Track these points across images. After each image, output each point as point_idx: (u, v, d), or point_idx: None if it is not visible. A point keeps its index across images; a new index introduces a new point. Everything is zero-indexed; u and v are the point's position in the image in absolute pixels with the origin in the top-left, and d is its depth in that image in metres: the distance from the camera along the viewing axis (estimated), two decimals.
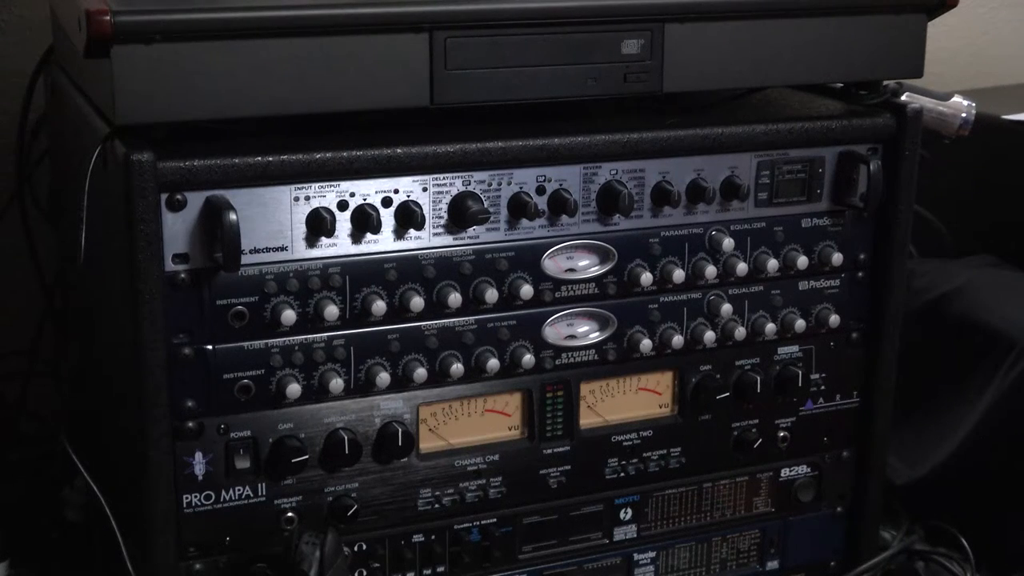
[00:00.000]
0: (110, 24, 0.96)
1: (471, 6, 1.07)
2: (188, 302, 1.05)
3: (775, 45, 1.17)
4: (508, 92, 1.10)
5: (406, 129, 1.10)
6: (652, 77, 1.13)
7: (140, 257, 1.02)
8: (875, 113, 1.24)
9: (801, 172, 1.23)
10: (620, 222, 1.17)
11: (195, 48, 1.00)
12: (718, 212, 1.20)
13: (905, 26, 1.21)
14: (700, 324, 1.23)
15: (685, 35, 1.13)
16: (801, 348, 1.27)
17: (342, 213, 1.08)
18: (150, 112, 1.00)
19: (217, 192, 1.03)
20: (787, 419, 1.29)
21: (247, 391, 1.08)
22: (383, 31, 1.05)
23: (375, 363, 1.12)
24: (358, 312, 1.10)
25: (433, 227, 1.11)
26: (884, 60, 1.22)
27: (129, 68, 0.98)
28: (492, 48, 1.08)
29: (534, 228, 1.14)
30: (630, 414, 1.23)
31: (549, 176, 1.14)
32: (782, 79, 1.22)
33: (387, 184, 1.09)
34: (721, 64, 1.15)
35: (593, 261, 1.17)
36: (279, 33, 1.02)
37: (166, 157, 1.01)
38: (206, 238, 1.04)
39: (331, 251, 1.08)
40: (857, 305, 1.28)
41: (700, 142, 1.18)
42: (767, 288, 1.24)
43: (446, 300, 1.12)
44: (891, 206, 1.25)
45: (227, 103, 1.02)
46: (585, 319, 1.19)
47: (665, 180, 1.17)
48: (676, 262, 1.20)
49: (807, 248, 1.24)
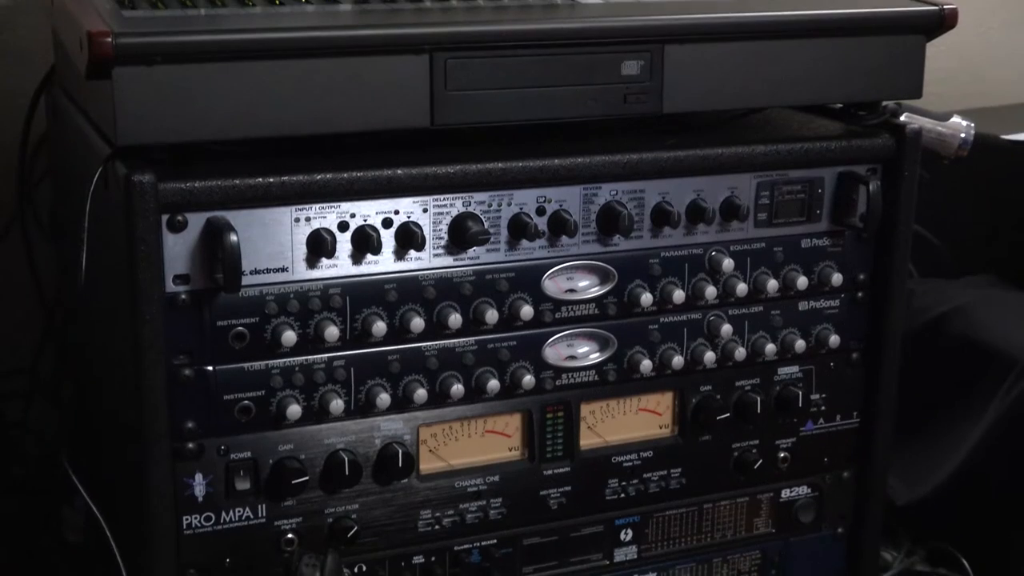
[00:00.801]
0: (111, 46, 0.96)
1: (471, 28, 1.08)
2: (188, 323, 1.05)
3: (774, 66, 1.17)
4: (508, 113, 1.10)
5: (406, 150, 1.11)
6: (652, 98, 1.14)
7: (141, 278, 1.02)
8: (874, 134, 1.25)
9: (801, 193, 1.23)
10: (620, 243, 1.17)
11: (196, 69, 1.00)
12: (718, 232, 1.21)
13: (904, 47, 1.22)
14: (700, 344, 1.23)
15: (684, 56, 1.14)
16: (801, 368, 1.27)
17: (343, 234, 1.08)
18: (151, 133, 1.00)
19: (218, 213, 1.04)
20: (787, 439, 1.29)
21: (247, 412, 1.08)
22: (384, 52, 1.05)
23: (375, 384, 1.12)
24: (358, 333, 1.10)
25: (433, 248, 1.11)
26: (883, 81, 1.22)
27: (130, 89, 0.99)
28: (492, 69, 1.08)
29: (534, 249, 1.15)
30: (630, 435, 1.23)
31: (549, 197, 1.14)
32: (781, 100, 1.22)
33: (387, 205, 1.09)
34: (720, 85, 1.16)
35: (593, 282, 1.18)
36: (280, 55, 1.02)
37: (167, 178, 1.01)
38: (207, 259, 1.04)
39: (332, 272, 1.09)
40: (857, 325, 1.29)
41: (700, 163, 1.18)
42: (767, 308, 1.24)
43: (446, 321, 1.12)
44: (891, 226, 1.25)
45: (228, 124, 1.02)
46: (585, 340, 1.19)
47: (665, 201, 1.18)
48: (676, 282, 1.20)
49: (807, 268, 1.25)
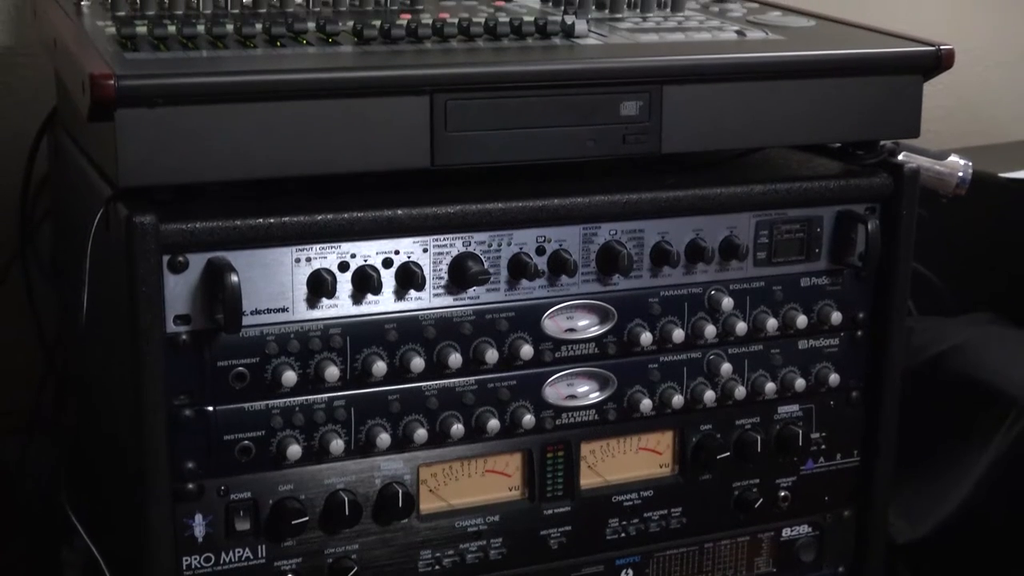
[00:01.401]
0: (114, 88, 0.97)
1: (471, 69, 1.08)
2: (189, 363, 1.05)
3: (772, 106, 1.18)
4: (508, 154, 1.10)
5: (407, 189, 1.11)
6: (650, 138, 1.14)
7: (141, 319, 1.02)
8: (873, 173, 1.25)
9: (800, 232, 1.23)
10: (619, 282, 1.18)
11: (198, 111, 1.00)
12: (717, 272, 1.21)
13: (901, 87, 1.22)
14: (700, 384, 1.23)
15: (683, 97, 1.14)
16: (801, 407, 1.27)
17: (343, 274, 1.08)
18: (153, 175, 1.01)
19: (219, 254, 1.04)
20: (788, 478, 1.29)
21: (247, 452, 1.08)
22: (385, 94, 1.05)
23: (375, 424, 1.12)
24: (359, 373, 1.10)
25: (433, 288, 1.12)
26: (881, 121, 1.23)
27: (132, 131, 0.99)
28: (492, 110, 1.09)
29: (534, 288, 1.15)
30: (631, 474, 1.23)
31: (549, 237, 1.14)
32: (780, 140, 1.23)
33: (388, 245, 1.09)
34: (719, 125, 1.16)
35: (593, 321, 1.18)
36: (281, 96, 1.02)
37: (168, 219, 1.02)
38: (207, 299, 1.04)
39: (332, 312, 1.09)
40: (857, 364, 1.29)
41: (699, 202, 1.18)
42: (766, 347, 1.25)
43: (446, 361, 1.12)
44: (890, 265, 1.26)
45: (229, 165, 1.02)
46: (585, 379, 1.19)
47: (664, 240, 1.18)
48: (676, 322, 1.20)
49: (806, 307, 1.25)
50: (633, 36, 1.20)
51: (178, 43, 1.08)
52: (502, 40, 1.15)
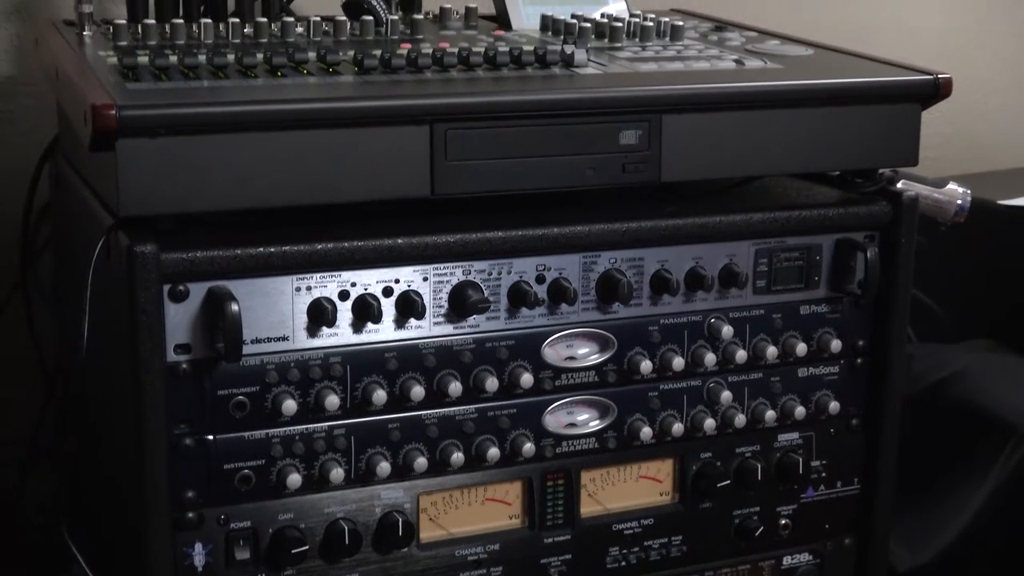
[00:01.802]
0: (115, 118, 0.97)
1: (471, 99, 1.09)
2: (189, 392, 1.05)
3: (771, 135, 1.18)
4: (508, 182, 1.11)
5: (407, 218, 1.12)
6: (650, 167, 1.15)
7: (142, 348, 1.02)
8: (871, 201, 1.25)
9: (799, 260, 1.24)
10: (619, 310, 1.18)
11: (199, 141, 1.01)
12: (717, 300, 1.21)
13: (900, 116, 1.23)
14: (700, 411, 1.23)
15: (682, 126, 1.15)
16: (801, 435, 1.27)
17: (343, 303, 1.09)
18: (154, 204, 1.01)
19: (219, 283, 1.04)
20: (788, 506, 1.29)
21: (247, 481, 1.08)
22: (385, 123, 1.06)
23: (375, 452, 1.12)
24: (359, 401, 1.10)
25: (433, 316, 1.12)
26: (879, 149, 1.23)
27: (133, 161, 0.99)
28: (492, 139, 1.09)
29: (534, 317, 1.15)
30: (631, 502, 1.23)
31: (549, 265, 1.15)
32: (778, 168, 1.23)
33: (388, 274, 1.10)
34: (718, 154, 1.17)
35: (593, 349, 1.18)
36: (282, 126, 1.03)
37: (169, 248, 1.02)
38: (208, 328, 1.04)
39: (332, 341, 1.09)
40: (856, 391, 1.29)
41: (698, 230, 1.19)
42: (766, 375, 1.25)
43: (446, 389, 1.12)
44: (889, 293, 1.26)
45: (230, 195, 1.03)
46: (585, 407, 1.19)
47: (664, 268, 1.18)
48: (675, 350, 1.20)
49: (806, 335, 1.25)
50: (632, 65, 1.20)
51: (179, 73, 1.08)
52: (502, 70, 1.15)
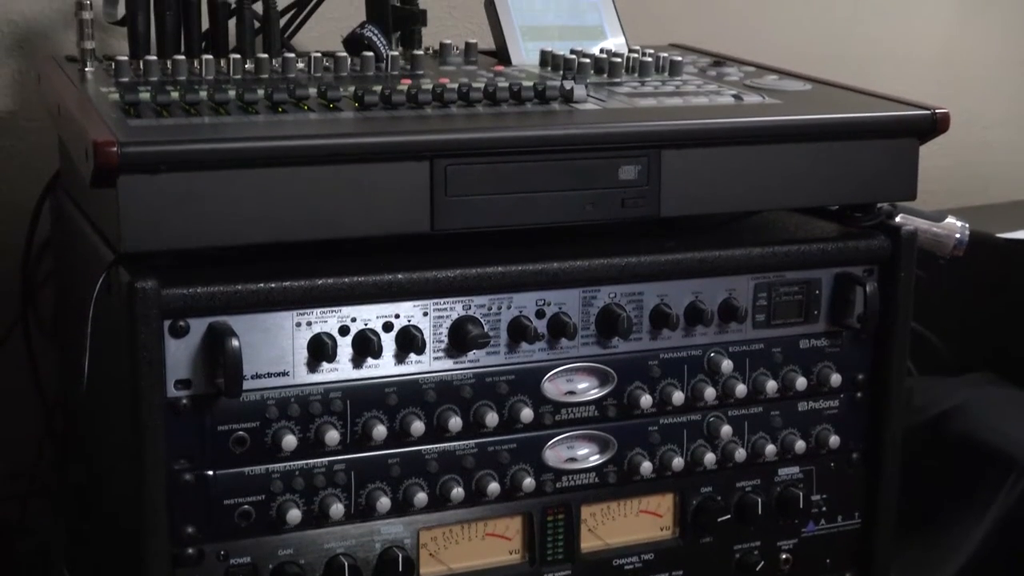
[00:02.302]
0: (117, 155, 0.97)
1: (471, 135, 1.09)
2: (189, 428, 1.05)
3: (770, 170, 1.19)
4: (508, 218, 1.11)
5: (407, 253, 1.12)
6: (649, 202, 1.15)
7: (142, 384, 1.02)
8: (870, 235, 1.26)
9: (798, 294, 1.24)
10: (619, 345, 1.18)
11: (200, 177, 1.01)
12: (716, 334, 1.21)
13: (898, 151, 1.23)
14: (700, 446, 1.23)
15: (681, 161, 1.15)
16: (802, 469, 1.27)
17: (343, 338, 1.09)
18: (155, 240, 1.01)
19: (220, 318, 1.04)
20: (789, 541, 1.28)
21: (247, 517, 1.08)
22: (385, 159, 1.06)
23: (375, 488, 1.11)
24: (359, 437, 1.10)
25: (433, 351, 1.12)
26: (878, 184, 1.24)
27: (135, 197, 1.00)
28: (492, 175, 1.10)
29: (534, 351, 1.15)
30: (631, 537, 1.23)
31: (548, 300, 1.15)
32: (777, 203, 1.24)
33: (388, 309, 1.10)
34: (717, 189, 1.17)
35: (593, 384, 1.18)
36: (283, 162, 1.03)
37: (169, 284, 1.02)
38: (208, 364, 1.04)
39: (332, 376, 1.09)
40: (857, 425, 1.29)
41: (697, 265, 1.19)
42: (766, 409, 1.25)
43: (446, 424, 1.12)
44: (888, 327, 1.26)
45: (231, 231, 1.03)
46: (585, 442, 1.19)
47: (663, 303, 1.19)
48: (675, 384, 1.20)
49: (806, 369, 1.25)
50: (631, 101, 1.21)
51: (181, 109, 1.09)
52: (501, 105, 1.16)
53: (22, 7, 1.52)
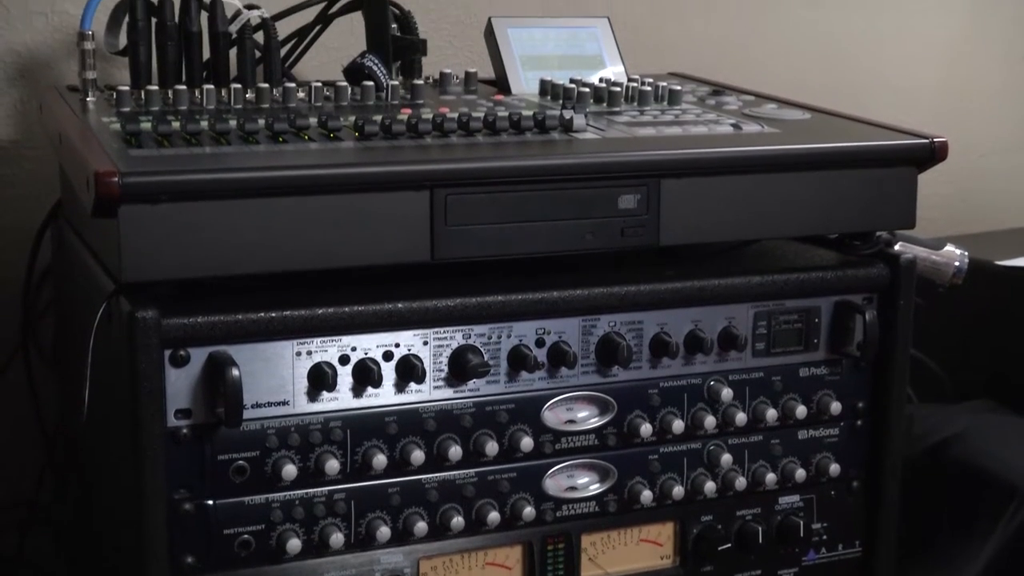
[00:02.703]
0: (118, 185, 0.98)
1: (471, 164, 1.10)
2: (189, 457, 1.05)
3: (769, 199, 1.19)
4: (508, 247, 1.11)
5: (407, 282, 1.12)
6: (648, 231, 1.15)
7: (142, 413, 1.02)
8: (869, 263, 1.26)
9: (798, 322, 1.24)
10: (619, 373, 1.18)
11: (201, 207, 1.02)
12: (716, 362, 1.21)
13: (896, 179, 1.24)
14: (700, 474, 1.23)
15: (680, 190, 1.16)
16: (802, 497, 1.27)
17: (343, 367, 1.09)
18: (156, 270, 1.02)
19: (220, 348, 1.04)
20: (790, 569, 1.28)
21: (247, 546, 1.08)
22: (385, 189, 1.07)
23: (375, 517, 1.11)
24: (359, 466, 1.10)
25: (434, 380, 1.12)
26: (876, 212, 1.24)
27: (136, 227, 1.00)
28: (492, 204, 1.10)
29: (534, 380, 1.15)
30: (632, 566, 1.22)
31: (548, 329, 1.15)
32: (776, 232, 1.24)
33: (388, 338, 1.10)
34: (716, 218, 1.18)
35: (593, 412, 1.18)
36: (283, 192, 1.04)
37: (170, 314, 1.03)
38: (208, 393, 1.05)
39: (332, 405, 1.09)
40: (857, 453, 1.29)
41: (697, 294, 1.19)
42: (766, 438, 1.25)
43: (446, 453, 1.12)
44: (888, 355, 1.26)
45: (232, 260, 1.03)
46: (585, 470, 1.19)
47: (663, 331, 1.19)
48: (675, 413, 1.20)
49: (805, 397, 1.25)
50: (631, 130, 1.22)
51: (182, 139, 1.09)
52: (501, 135, 1.16)
53: (24, 37, 1.53)
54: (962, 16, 2.05)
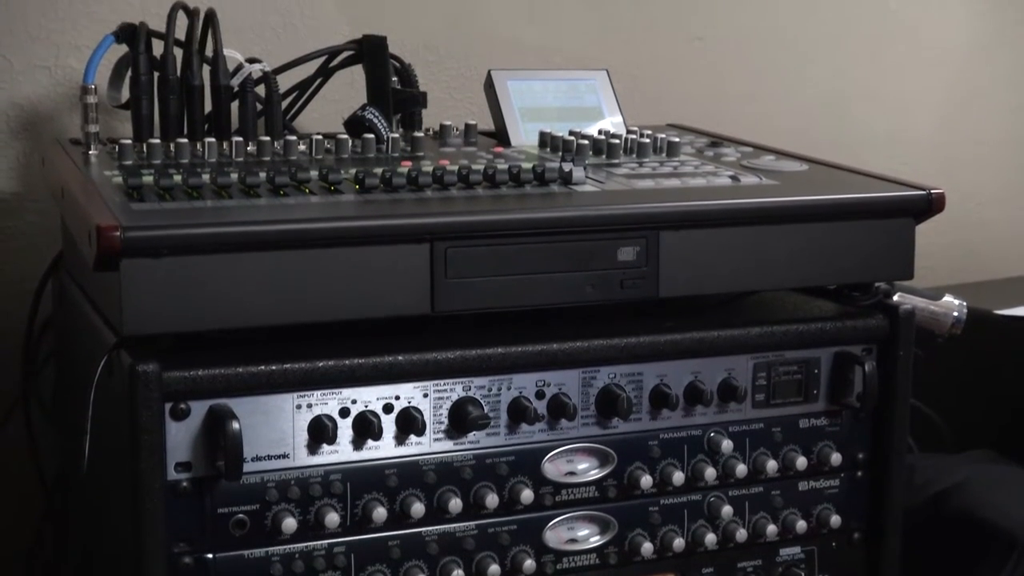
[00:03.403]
0: (120, 240, 0.98)
1: (471, 217, 1.10)
2: (189, 511, 1.05)
3: (767, 251, 1.20)
4: (507, 300, 1.12)
5: (407, 335, 1.12)
6: (648, 283, 1.16)
7: (143, 467, 1.02)
8: (868, 314, 1.26)
9: (797, 373, 1.24)
10: (619, 425, 1.18)
11: (202, 261, 1.02)
12: (716, 414, 1.22)
13: (894, 231, 1.24)
14: (701, 526, 1.22)
15: (679, 242, 1.16)
16: (803, 549, 1.27)
17: (343, 420, 1.09)
18: (157, 323, 1.02)
19: (220, 401, 1.05)
20: None
21: None
22: (386, 242, 1.07)
23: (376, 570, 1.11)
24: (359, 519, 1.10)
25: (434, 433, 1.12)
26: (875, 263, 1.25)
27: (137, 281, 1.01)
28: (492, 257, 1.11)
29: (534, 432, 1.15)
30: None
31: (548, 381, 1.15)
32: (775, 283, 1.24)
33: (388, 391, 1.10)
34: (715, 270, 1.18)
35: (593, 464, 1.18)
36: (284, 245, 1.04)
37: (171, 367, 1.03)
38: (209, 446, 1.05)
39: (332, 458, 1.09)
40: (858, 505, 1.28)
41: (696, 345, 1.19)
42: (767, 489, 1.25)
43: (447, 506, 1.12)
44: (888, 405, 1.26)
45: (233, 313, 1.04)
46: (586, 523, 1.18)
47: (663, 383, 1.19)
48: (675, 464, 1.20)
49: (806, 449, 1.25)
50: (629, 182, 1.22)
51: (183, 193, 1.10)
52: (501, 187, 1.17)
53: (28, 90, 1.54)
54: (959, 67, 2.06)
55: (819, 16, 1.94)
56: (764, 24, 1.90)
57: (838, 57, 1.96)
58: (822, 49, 1.95)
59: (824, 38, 1.95)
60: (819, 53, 1.95)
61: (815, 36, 1.94)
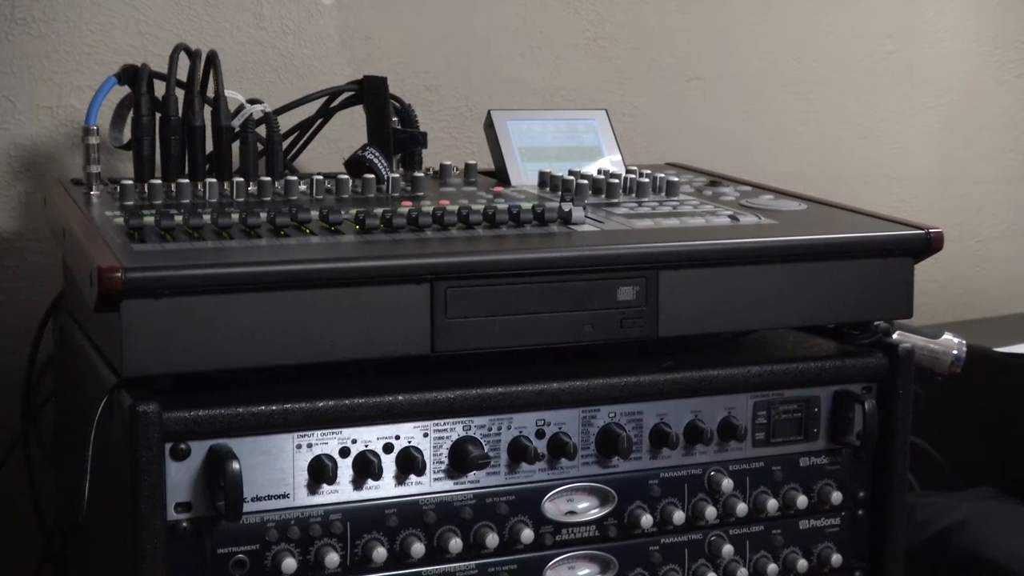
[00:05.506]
0: (121, 281, 0.99)
1: (471, 258, 1.11)
2: (189, 551, 1.05)
3: (767, 290, 1.20)
4: (507, 339, 1.12)
5: (407, 373, 1.13)
6: (647, 322, 1.16)
7: (142, 507, 1.02)
8: (868, 353, 1.27)
9: (797, 412, 1.24)
10: (619, 464, 1.18)
11: (203, 302, 1.02)
12: (716, 453, 1.22)
13: (893, 270, 1.25)
14: (702, 565, 1.22)
15: (678, 281, 1.17)
16: None
17: (344, 460, 1.09)
18: (157, 364, 1.02)
19: (221, 441, 1.05)
20: None
21: None
22: (385, 282, 1.08)
23: None
24: (359, 559, 1.10)
25: (434, 472, 1.12)
26: (873, 302, 1.25)
27: (138, 322, 1.01)
28: (491, 297, 1.11)
29: (534, 471, 1.15)
30: None
31: (548, 420, 1.15)
32: (774, 322, 1.25)
33: (388, 430, 1.10)
34: (714, 309, 1.18)
35: (593, 503, 1.18)
36: (285, 286, 1.05)
37: (171, 407, 1.03)
38: (209, 487, 1.05)
39: (332, 498, 1.09)
40: (859, 543, 1.28)
41: (696, 384, 1.20)
42: (768, 528, 1.24)
43: (447, 545, 1.12)
44: (888, 444, 1.26)
45: (233, 354, 1.04)
46: (586, 562, 1.18)
47: (663, 422, 1.19)
48: (676, 503, 1.20)
49: (806, 487, 1.25)
50: (629, 222, 1.23)
51: (184, 233, 1.11)
52: (501, 228, 1.18)
53: (30, 131, 1.55)
54: (956, 106, 2.07)
55: (817, 56, 1.95)
56: (762, 64, 1.91)
57: (836, 97, 1.97)
58: (820, 89, 1.96)
59: (823, 78, 1.96)
60: (817, 93, 1.96)
61: (813, 76, 1.95)
